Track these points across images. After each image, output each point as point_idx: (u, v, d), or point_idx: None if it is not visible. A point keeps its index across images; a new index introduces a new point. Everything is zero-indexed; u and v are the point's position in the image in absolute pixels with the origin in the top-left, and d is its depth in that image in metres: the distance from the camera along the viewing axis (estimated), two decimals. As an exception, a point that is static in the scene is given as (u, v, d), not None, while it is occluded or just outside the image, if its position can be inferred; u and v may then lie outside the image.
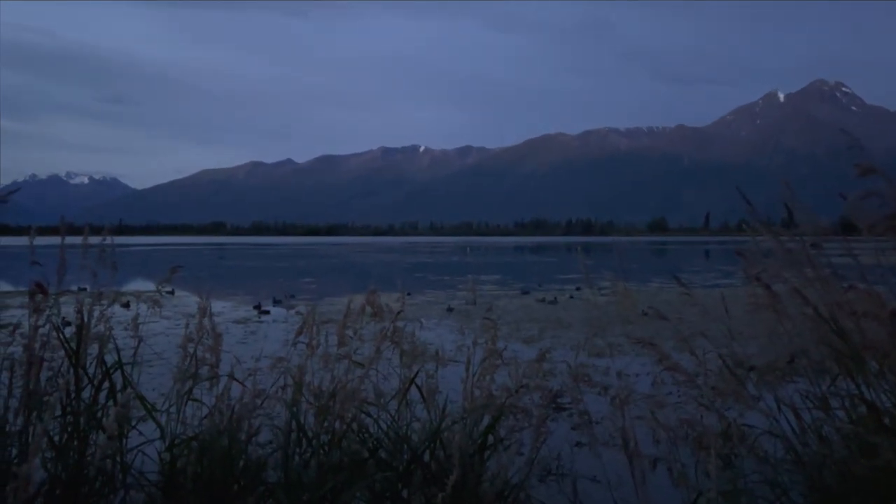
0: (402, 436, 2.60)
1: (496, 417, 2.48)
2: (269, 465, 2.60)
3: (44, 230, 2.49)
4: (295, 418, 2.51)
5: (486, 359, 2.60)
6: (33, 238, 2.37)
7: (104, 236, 2.44)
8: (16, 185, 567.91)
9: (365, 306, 2.81)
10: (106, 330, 2.39)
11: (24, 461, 2.04)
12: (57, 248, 2.42)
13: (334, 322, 3.03)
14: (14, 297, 18.37)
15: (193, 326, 2.72)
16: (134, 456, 2.42)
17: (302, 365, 2.75)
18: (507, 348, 2.83)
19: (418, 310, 15.24)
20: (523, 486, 2.46)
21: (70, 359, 2.32)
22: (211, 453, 2.29)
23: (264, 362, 2.97)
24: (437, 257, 57.16)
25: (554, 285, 24.38)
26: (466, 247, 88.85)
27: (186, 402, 2.58)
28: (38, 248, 2.39)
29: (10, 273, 29.83)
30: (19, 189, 2.27)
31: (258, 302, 16.65)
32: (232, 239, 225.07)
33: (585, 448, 4.97)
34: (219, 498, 2.30)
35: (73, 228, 2.78)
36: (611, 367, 8.55)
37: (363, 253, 69.87)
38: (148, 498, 2.35)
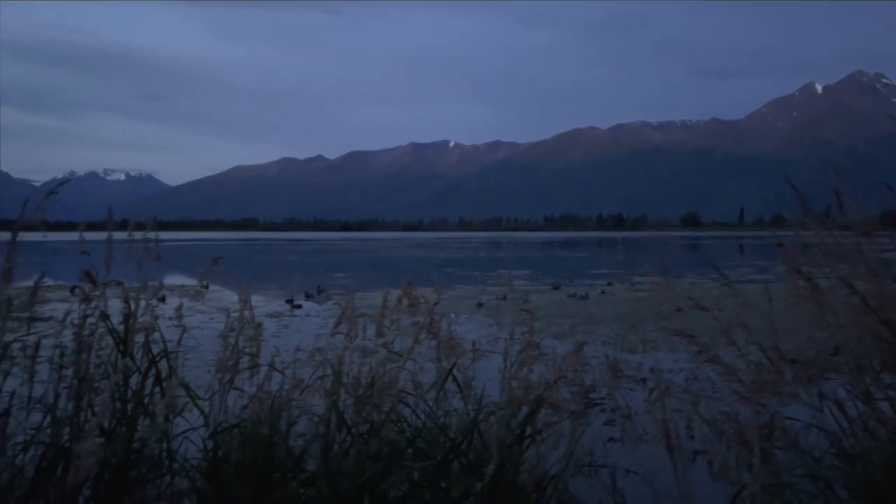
0: (440, 426, 2.62)
1: (534, 409, 2.49)
2: (309, 454, 2.63)
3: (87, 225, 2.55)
4: (334, 407, 2.55)
5: (524, 350, 2.61)
6: (82, 232, 2.44)
7: (148, 231, 2.50)
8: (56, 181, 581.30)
9: (402, 298, 2.83)
10: (151, 320, 2.45)
11: (75, 445, 2.11)
12: (97, 243, 2.48)
13: (366, 316, 3.06)
14: (55, 290, 18.83)
15: (234, 318, 2.77)
16: (179, 442, 2.47)
17: (341, 355, 2.79)
18: (539, 343, 2.82)
19: (448, 305, 15.27)
20: (561, 478, 2.46)
21: (118, 347, 2.38)
22: (252, 441, 2.34)
23: (301, 354, 3.01)
24: (466, 253, 57.16)
25: (585, 281, 24.23)
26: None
27: (228, 390, 2.63)
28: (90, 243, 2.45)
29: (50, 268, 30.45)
30: (68, 181, 2.34)
31: (291, 296, 16.85)
32: (264, 234, 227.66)
33: (618, 443, 4.94)
34: (260, 485, 2.34)
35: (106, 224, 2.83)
36: (643, 362, 8.48)
37: (393, 248, 70.17)
38: (192, 483, 2.41)
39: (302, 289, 19.33)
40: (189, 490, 2.41)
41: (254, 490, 2.30)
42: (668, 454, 2.26)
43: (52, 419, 2.25)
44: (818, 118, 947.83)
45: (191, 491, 2.41)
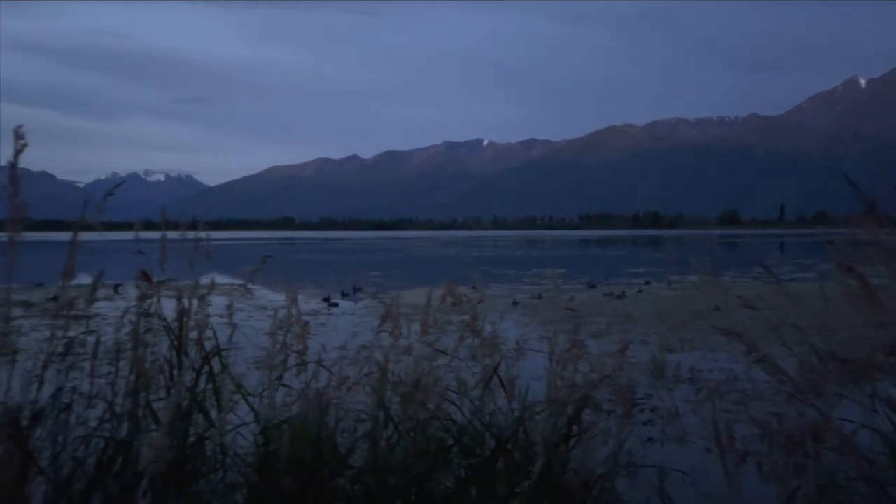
0: (486, 424, 2.63)
1: (580, 407, 2.48)
2: (356, 450, 2.67)
3: (122, 225, 2.61)
4: (382, 404, 2.58)
5: (570, 349, 2.61)
6: (138, 231, 2.52)
7: (199, 231, 2.56)
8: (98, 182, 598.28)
9: (445, 297, 2.85)
10: (204, 318, 2.51)
11: (133, 439, 2.18)
12: (144, 242, 2.54)
13: (407, 314, 3.08)
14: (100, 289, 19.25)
15: (281, 316, 2.82)
16: (231, 438, 2.53)
17: (386, 353, 2.82)
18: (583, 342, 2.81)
19: (484, 303, 15.24)
20: (608, 478, 2.46)
21: (173, 344, 2.44)
22: (301, 437, 2.38)
23: (347, 352, 3.05)
24: (500, 251, 57.02)
25: (621, 279, 24.00)
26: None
27: (277, 387, 2.68)
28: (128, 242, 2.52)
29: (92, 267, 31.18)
30: (123, 183, 2.41)
31: (327, 295, 17.03)
32: (300, 234, 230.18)
33: (657, 443, 4.90)
34: (309, 480, 2.38)
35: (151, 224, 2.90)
36: (682, 362, 8.38)
37: (427, 247, 70.36)
38: (244, 478, 2.46)
39: (338, 287, 19.51)
40: (241, 484, 2.46)
41: (303, 485, 2.35)
42: (713, 454, 2.24)
43: (111, 414, 2.32)
44: (861, 113, 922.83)
45: (243, 485, 2.46)
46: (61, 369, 2.27)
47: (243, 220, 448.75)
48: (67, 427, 2.24)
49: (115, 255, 17.18)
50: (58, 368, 2.26)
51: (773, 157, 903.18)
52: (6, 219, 1.98)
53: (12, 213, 1.97)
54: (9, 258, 2.03)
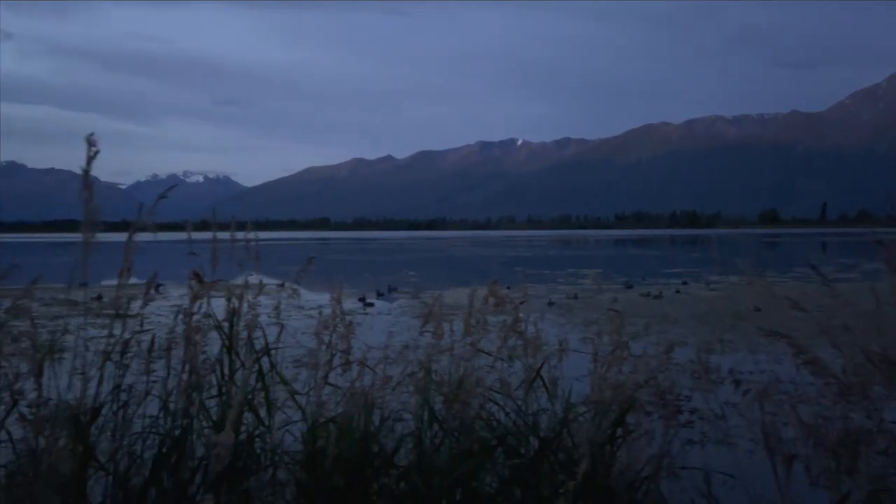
0: (530, 424, 2.64)
1: (625, 409, 2.48)
2: (402, 449, 2.70)
3: (167, 226, 2.66)
4: (427, 403, 2.60)
5: (614, 350, 2.60)
6: (190, 232, 2.58)
7: (248, 231, 2.61)
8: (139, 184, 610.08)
9: (488, 297, 2.87)
10: (253, 318, 2.56)
11: (187, 436, 2.24)
12: (184, 243, 2.60)
13: (448, 314, 3.10)
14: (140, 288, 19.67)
15: (325, 316, 2.87)
16: (281, 436, 2.58)
17: (429, 353, 2.84)
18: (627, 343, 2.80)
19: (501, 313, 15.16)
20: (653, 479, 2.45)
21: (225, 344, 2.50)
22: (348, 436, 2.42)
23: (389, 351, 3.09)
24: (535, 251, 56.76)
25: (658, 279, 23.72)
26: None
27: (323, 386, 2.72)
28: (167, 243, 2.59)
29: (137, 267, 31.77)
30: (176, 186, 2.48)
31: (363, 294, 17.16)
32: (335, 234, 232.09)
33: (698, 445, 4.85)
34: (357, 478, 2.42)
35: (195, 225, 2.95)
36: (722, 363, 8.26)
37: (461, 247, 70.37)
38: (292, 476, 2.51)
39: (373, 287, 19.64)
40: (290, 481, 2.51)
41: (349, 483, 2.38)
42: (757, 456, 2.22)
43: (165, 411, 2.39)
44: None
45: (291, 482, 2.51)
46: (118, 367, 2.34)
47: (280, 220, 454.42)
48: (125, 424, 2.31)
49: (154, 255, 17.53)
50: (115, 366, 2.33)
51: (815, 154, 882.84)
52: (81, 221, 2.05)
53: (87, 216, 2.04)
54: (85, 258, 2.11)
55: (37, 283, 2.49)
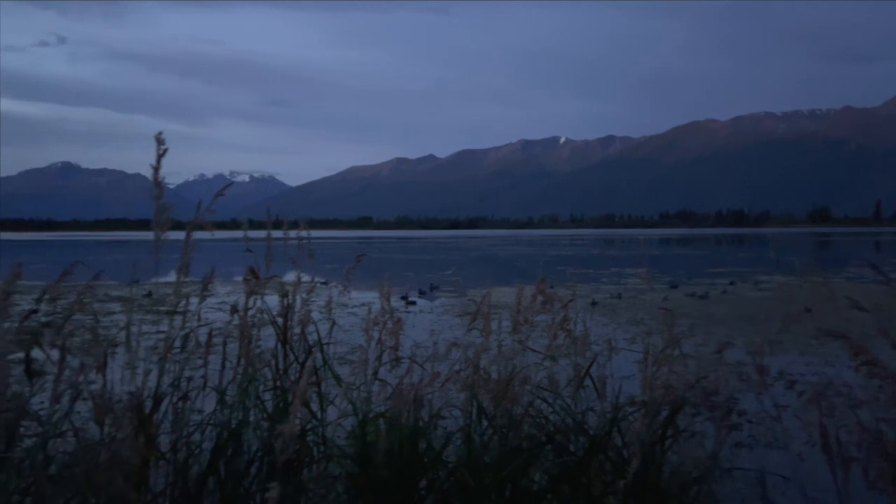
0: (579, 423, 2.64)
1: (677, 408, 2.46)
2: (451, 445, 2.73)
3: (219, 225, 2.72)
4: (475, 400, 2.62)
5: (665, 348, 2.58)
6: (246, 230, 2.65)
7: (301, 230, 2.67)
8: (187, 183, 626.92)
9: (536, 295, 2.87)
10: (306, 313, 2.62)
11: (243, 428, 2.31)
12: (229, 242, 2.66)
13: (497, 312, 3.12)
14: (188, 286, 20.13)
15: (375, 312, 2.92)
16: (333, 430, 2.63)
17: (478, 350, 2.86)
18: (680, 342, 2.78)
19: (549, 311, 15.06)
20: (706, 480, 2.42)
21: (279, 338, 2.56)
22: (397, 431, 2.45)
23: (434, 347, 3.12)
24: (577, 250, 56.29)
25: (704, 279, 23.29)
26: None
27: (373, 381, 2.77)
28: (213, 241, 2.66)
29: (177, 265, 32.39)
30: (232, 183, 2.55)
31: (405, 293, 17.27)
32: (377, 233, 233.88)
33: (746, 448, 4.76)
34: (407, 473, 2.45)
35: (235, 223, 3.02)
36: (771, 365, 8.08)
37: (502, 246, 70.21)
38: (344, 469, 2.56)
39: (415, 286, 19.74)
40: (341, 475, 2.56)
41: (400, 477, 2.42)
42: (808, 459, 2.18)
43: (222, 404, 2.46)
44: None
45: (343, 476, 2.56)
46: (177, 361, 2.42)
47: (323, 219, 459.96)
48: (184, 415, 2.39)
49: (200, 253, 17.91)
50: (174, 360, 2.40)
51: (868, 151, 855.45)
52: (152, 219, 2.13)
53: (157, 214, 2.12)
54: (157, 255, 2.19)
55: (98, 278, 2.59)
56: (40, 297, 2.41)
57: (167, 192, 2.13)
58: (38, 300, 2.44)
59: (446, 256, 47.34)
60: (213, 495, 2.30)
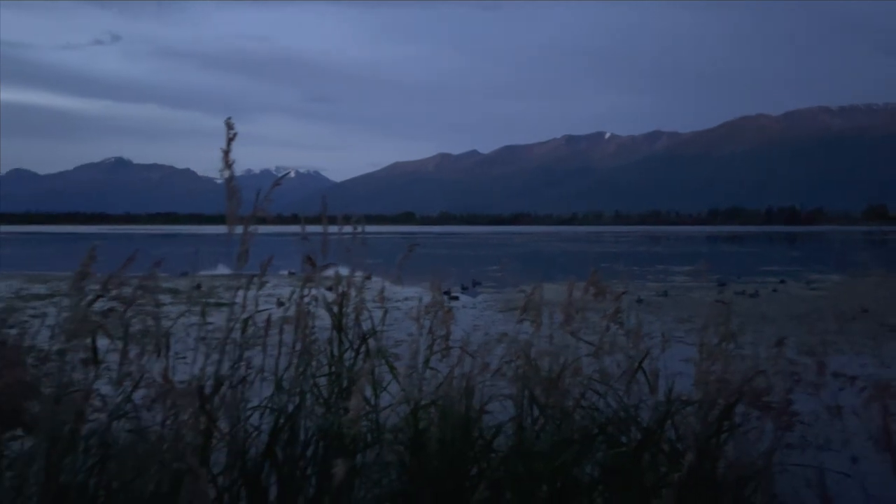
0: (632, 415, 2.63)
1: (733, 402, 2.42)
2: (502, 434, 2.75)
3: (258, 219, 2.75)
4: (528, 389, 2.63)
5: (721, 342, 2.55)
6: (304, 225, 2.72)
7: (354, 224, 2.73)
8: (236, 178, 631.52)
9: (588, 287, 2.87)
10: (360, 301, 2.66)
11: (298, 413, 2.37)
12: (272, 236, 2.71)
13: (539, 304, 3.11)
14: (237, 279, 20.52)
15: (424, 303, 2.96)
16: (386, 416, 2.67)
17: (529, 341, 2.87)
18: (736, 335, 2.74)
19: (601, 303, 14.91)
20: (763, 475, 2.38)
21: (334, 325, 2.62)
22: (450, 418, 2.48)
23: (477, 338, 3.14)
24: (622, 247, 55.62)
25: (754, 278, 22.79)
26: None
27: (425, 369, 2.80)
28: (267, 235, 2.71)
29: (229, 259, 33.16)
30: (288, 173, 2.60)
31: (448, 288, 17.33)
32: (420, 228, 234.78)
33: (798, 449, 4.66)
34: (458, 460, 2.47)
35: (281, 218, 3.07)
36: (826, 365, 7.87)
37: (545, 242, 69.80)
38: (397, 455, 2.60)
39: (458, 281, 19.78)
40: (394, 461, 2.60)
41: (452, 465, 2.44)
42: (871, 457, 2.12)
43: (279, 388, 2.52)
44: None
45: (396, 462, 2.60)
46: (235, 347, 2.49)
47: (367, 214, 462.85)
48: (242, 399, 2.46)
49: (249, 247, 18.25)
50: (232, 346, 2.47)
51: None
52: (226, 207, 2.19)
53: (229, 200, 2.18)
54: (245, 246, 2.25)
55: (159, 265, 2.67)
56: (105, 285, 2.49)
57: (215, 187, 2.17)
58: (102, 287, 2.52)
59: (488, 252, 47.27)
60: (270, 476, 2.37)
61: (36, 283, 20.40)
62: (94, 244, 2.25)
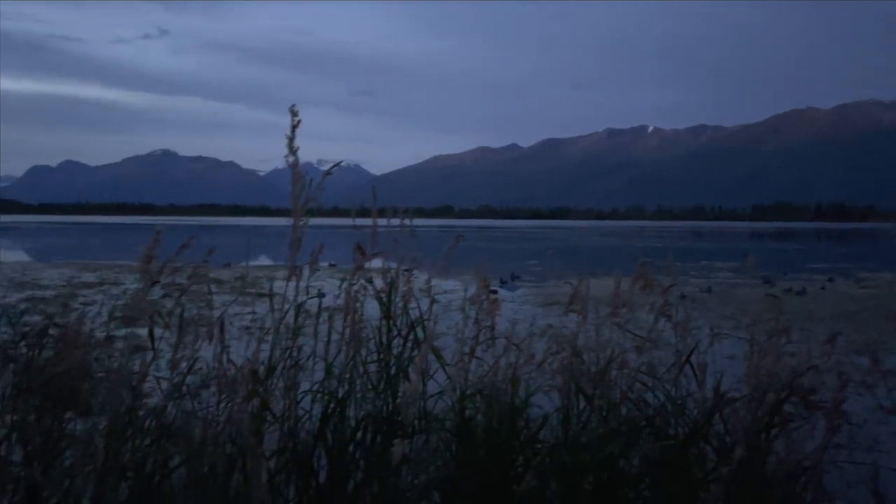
0: (680, 408, 2.62)
1: (784, 396, 2.39)
2: (548, 424, 2.77)
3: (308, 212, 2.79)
4: (574, 380, 2.64)
5: (772, 337, 2.51)
6: (354, 217, 2.78)
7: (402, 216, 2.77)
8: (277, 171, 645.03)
9: (635, 280, 2.86)
10: (408, 290, 2.70)
11: (348, 398, 2.42)
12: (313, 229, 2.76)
13: (562, 305, 3.11)
14: (279, 270, 20.94)
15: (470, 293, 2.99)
16: (434, 403, 2.71)
17: (576, 332, 2.88)
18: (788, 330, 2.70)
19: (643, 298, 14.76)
20: (815, 470, 2.36)
21: (383, 312, 2.67)
22: (497, 407, 2.50)
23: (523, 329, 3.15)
24: (665, 242, 54.84)
25: (801, 275, 22.26)
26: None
27: (471, 359, 2.83)
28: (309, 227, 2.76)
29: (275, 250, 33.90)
30: (340, 161, 2.65)
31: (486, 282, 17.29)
32: (459, 222, 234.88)
33: (845, 450, 4.57)
34: (504, 449, 2.50)
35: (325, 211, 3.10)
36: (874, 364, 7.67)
37: (586, 237, 69.20)
38: (443, 442, 2.64)
39: (496, 275, 19.76)
40: (441, 448, 2.64)
41: (498, 453, 2.47)
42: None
43: (329, 373, 2.58)
44: None
45: (443, 449, 2.64)
46: (287, 333, 2.56)
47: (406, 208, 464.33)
48: (294, 383, 2.52)
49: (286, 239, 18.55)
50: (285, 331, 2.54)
51: None
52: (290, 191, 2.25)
53: (293, 179, 2.23)
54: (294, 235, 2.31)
55: (212, 252, 2.75)
56: (161, 270, 2.58)
57: (258, 179, 2.22)
58: (158, 272, 2.61)
59: (527, 246, 47.07)
60: (321, 460, 2.43)
61: (86, 271, 21.05)
62: (158, 229, 2.33)
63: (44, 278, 18.54)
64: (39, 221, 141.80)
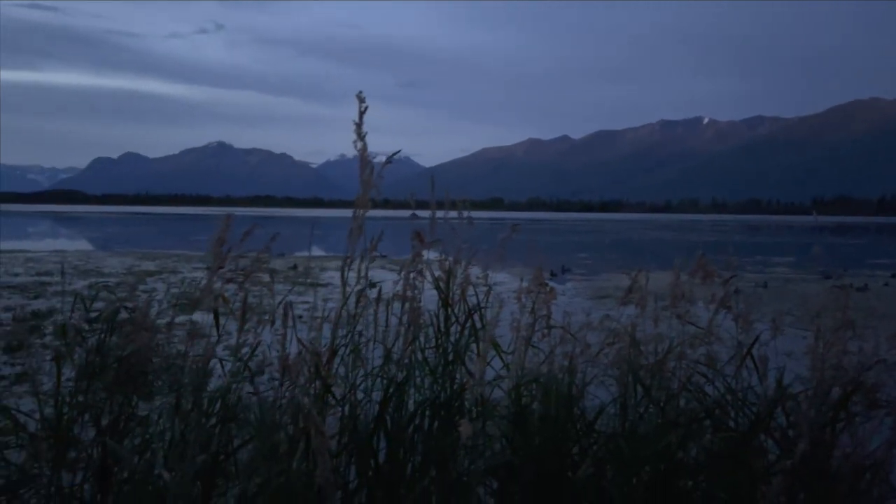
0: (741, 400, 2.58)
1: (850, 391, 2.34)
2: (605, 414, 2.77)
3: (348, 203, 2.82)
4: (632, 371, 2.63)
5: (838, 329, 2.46)
6: (413, 207, 2.82)
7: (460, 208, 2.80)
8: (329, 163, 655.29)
9: (695, 271, 2.82)
10: (465, 278, 2.73)
11: (407, 383, 2.47)
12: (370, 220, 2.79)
13: (614, 298, 3.09)
14: (331, 260, 21.24)
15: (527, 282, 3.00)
16: (491, 390, 2.74)
17: (634, 323, 2.87)
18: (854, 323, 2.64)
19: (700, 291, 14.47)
20: (882, 466, 2.30)
21: (441, 299, 2.70)
22: (553, 395, 2.51)
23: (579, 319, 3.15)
24: (719, 236, 53.62)
25: (863, 270, 21.51)
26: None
27: (527, 348, 2.85)
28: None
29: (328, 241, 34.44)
30: (395, 152, 2.68)
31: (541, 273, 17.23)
32: (508, 214, 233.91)
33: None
34: (561, 437, 2.51)
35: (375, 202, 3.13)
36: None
37: (638, 230, 68.14)
38: (500, 429, 2.66)
39: (546, 267, 19.65)
40: (497, 435, 2.67)
41: (554, 441, 2.48)
42: None
43: (388, 359, 2.63)
44: None
45: (499, 436, 2.67)
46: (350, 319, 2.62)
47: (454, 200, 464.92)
48: (355, 367, 2.58)
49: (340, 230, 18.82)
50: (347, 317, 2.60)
51: None
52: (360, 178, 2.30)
53: (362, 165, 2.29)
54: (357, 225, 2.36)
55: (274, 240, 2.82)
56: (227, 255, 2.66)
57: (310, 171, 2.26)
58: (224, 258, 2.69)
59: (578, 239, 46.65)
60: (380, 442, 2.48)
61: (146, 260, 21.76)
62: (228, 214, 2.41)
63: (106, 266, 19.25)
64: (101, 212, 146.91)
